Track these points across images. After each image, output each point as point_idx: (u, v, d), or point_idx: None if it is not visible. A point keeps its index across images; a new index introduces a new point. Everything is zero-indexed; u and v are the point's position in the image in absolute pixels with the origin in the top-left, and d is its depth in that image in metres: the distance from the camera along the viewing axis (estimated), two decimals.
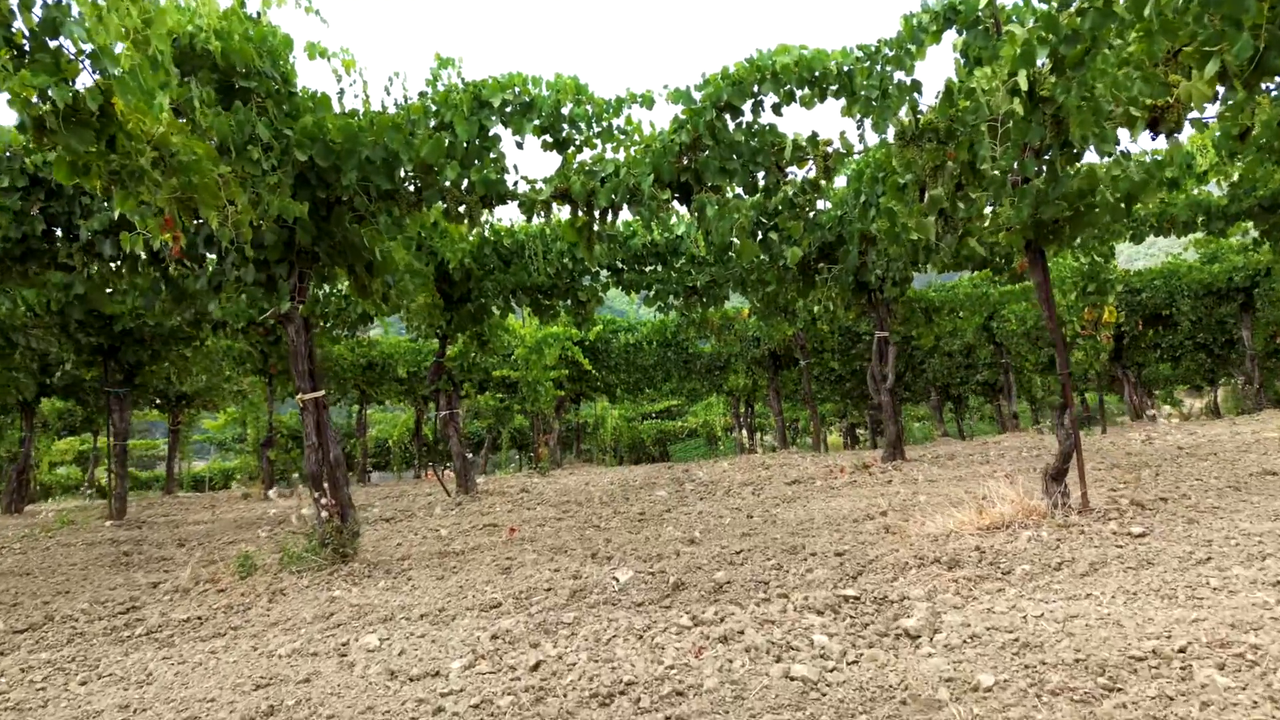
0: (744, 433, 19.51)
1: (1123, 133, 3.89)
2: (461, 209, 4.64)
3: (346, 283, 6.19)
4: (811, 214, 5.29)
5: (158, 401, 15.97)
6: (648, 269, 8.37)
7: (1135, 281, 13.91)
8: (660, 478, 9.93)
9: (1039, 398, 22.81)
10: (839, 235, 7.68)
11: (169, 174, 3.56)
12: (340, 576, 4.46)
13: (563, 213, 4.85)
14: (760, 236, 8.02)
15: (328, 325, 8.59)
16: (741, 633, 2.96)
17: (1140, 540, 3.81)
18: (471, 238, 8.09)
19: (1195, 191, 8.11)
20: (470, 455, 32.52)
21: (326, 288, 8.34)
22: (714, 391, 19.80)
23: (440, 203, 4.64)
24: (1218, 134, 6.83)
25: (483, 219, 4.64)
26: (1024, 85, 3.59)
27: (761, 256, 8.08)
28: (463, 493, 8.35)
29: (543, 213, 4.68)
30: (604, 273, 8.39)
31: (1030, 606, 3.01)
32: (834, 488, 7.06)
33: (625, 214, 4.64)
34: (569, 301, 8.52)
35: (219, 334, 8.51)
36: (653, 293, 8.46)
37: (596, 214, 4.68)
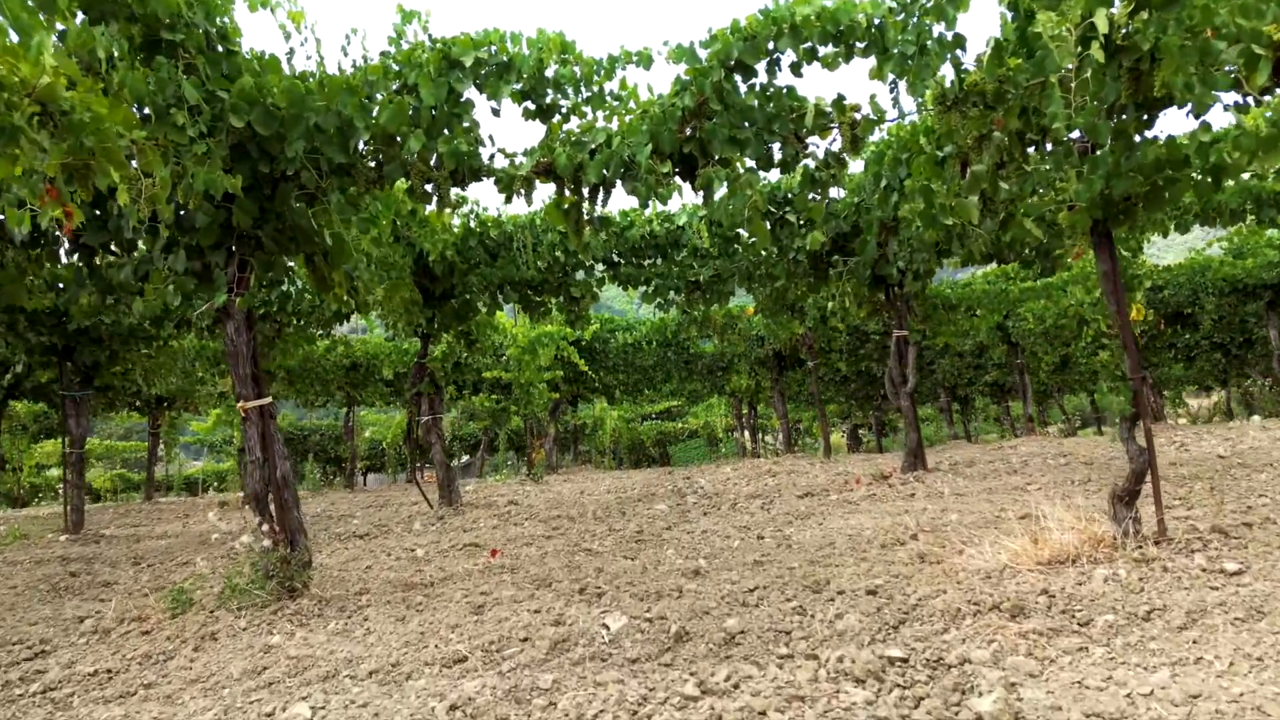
0: (746, 435, 18.86)
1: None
2: (429, 186, 3.99)
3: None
4: (826, 201, 4.64)
5: (136, 404, 15.34)
6: (646, 262, 7.72)
7: (1159, 278, 13.27)
8: (660, 487, 9.28)
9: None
10: (854, 225, 7.03)
11: (59, 135, 2.91)
12: (285, 616, 3.81)
13: (547, 192, 4.21)
14: (769, 225, 7.36)
15: (301, 324, 7.94)
16: (764, 715, 2.31)
17: (1239, 580, 3.16)
18: (456, 228, 7.45)
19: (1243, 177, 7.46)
20: (467, 458, 31.75)
21: (299, 283, 7.70)
22: (715, 393, 19.15)
23: (404, 179, 3.99)
24: (1268, 113, 6.18)
25: (453, 198, 3.98)
26: (1103, 27, 2.94)
27: (770, 248, 7.43)
28: (445, 505, 7.70)
29: (523, 191, 4.03)
30: (599, 267, 7.74)
31: (1131, 678, 2.36)
32: (851, 501, 6.42)
33: (620, 192, 4.00)
34: (561, 298, 7.87)
35: (183, 332, 7.86)
36: (652, 288, 7.81)
37: (585, 192, 4.04)
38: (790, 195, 7.29)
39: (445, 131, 3.93)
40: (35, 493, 29.09)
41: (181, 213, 3.77)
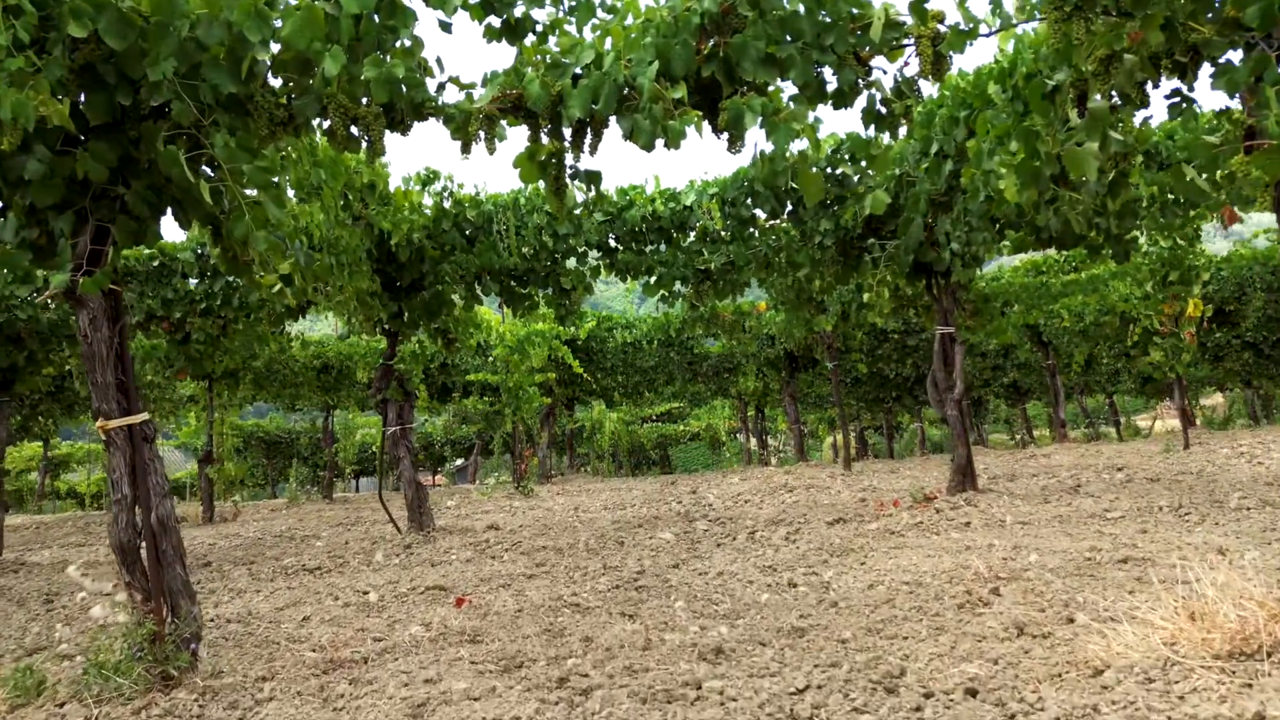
0: (754, 441, 17.82)
1: None
2: (354, 128, 2.95)
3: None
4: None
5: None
6: (648, 248, 6.67)
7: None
8: (664, 505, 8.23)
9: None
10: (893, 203, 5.97)
11: None
12: (151, 717, 2.76)
13: (517, 137, 3.16)
14: (792, 205, 6.32)
15: (250, 318, 6.89)
16: None
17: None
18: (428, 209, 6.40)
19: None
20: (461, 461, 30.65)
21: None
22: (720, 395, 18.12)
23: (320, 119, 2.95)
24: None
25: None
26: None
27: (793, 232, 6.38)
28: (415, 530, 6.64)
29: (483, 134, 2.99)
30: (593, 253, 6.69)
31: None
32: (894, 531, 5.36)
33: (615, 136, 3.00)
34: (550, 290, 6.82)
35: None
36: (655, 278, 6.75)
37: (568, 133, 2.99)
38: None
39: (378, 53, 2.88)
40: (19, 499, 28.08)
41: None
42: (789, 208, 6.40)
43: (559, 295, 6.73)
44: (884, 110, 2.88)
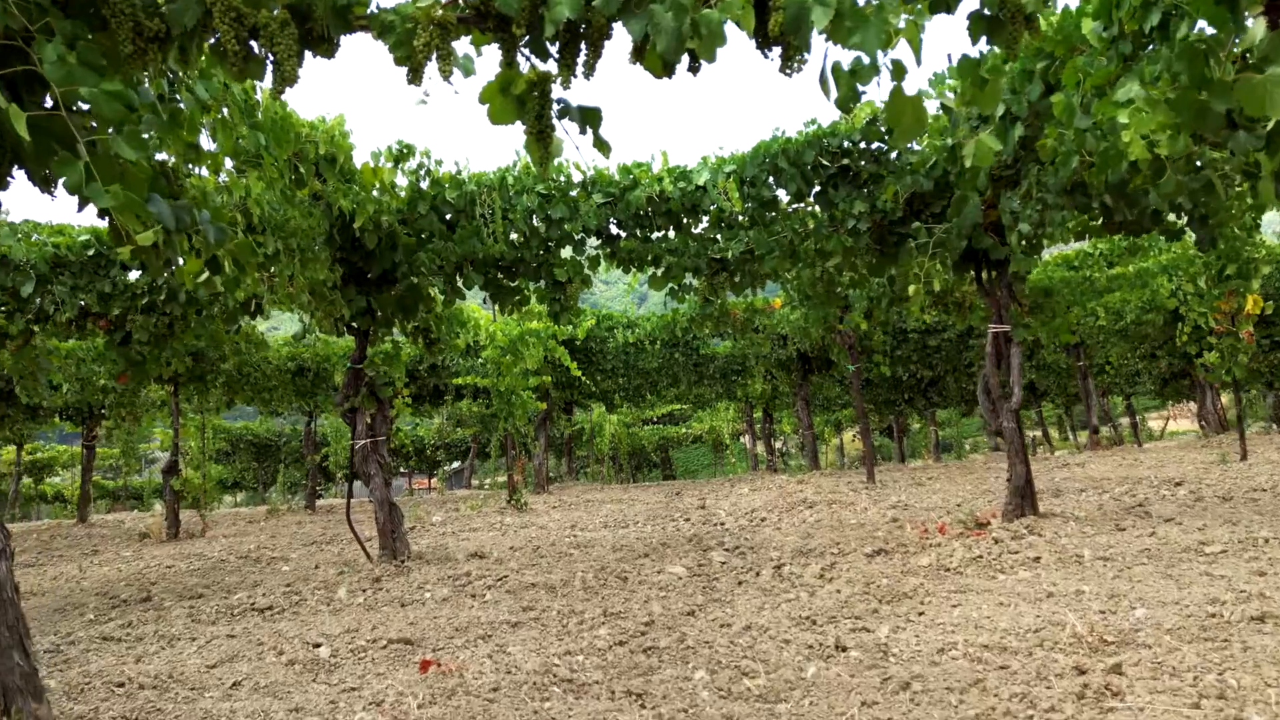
0: (761, 446, 16.98)
1: None
2: (254, 44, 2.11)
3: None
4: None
5: (69, 412, 13.48)
6: (655, 235, 5.83)
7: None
8: (670, 524, 7.38)
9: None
10: (941, 180, 5.15)
11: None
12: None
13: (485, 63, 2.28)
14: (823, 185, 5.51)
15: (201, 315, 6.04)
16: None
17: None
18: (401, 190, 5.57)
19: None
20: (457, 464, 29.76)
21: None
22: (727, 398, 17.27)
23: (205, 31, 2.11)
24: None
25: (296, 66, 2.09)
26: None
27: (821, 216, 5.54)
28: (388, 559, 5.80)
29: (432, 53, 2.15)
30: (592, 240, 5.85)
31: None
32: (950, 568, 4.52)
33: (621, 50, 2.18)
34: (542, 283, 5.97)
35: (44, 329, 5.96)
36: (663, 269, 5.91)
37: (553, 50, 2.15)
38: (847, 145, 5.41)
39: None
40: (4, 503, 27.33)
41: None
42: (816, 187, 5.57)
43: (552, 289, 5.88)
44: (999, 15, 2.04)
